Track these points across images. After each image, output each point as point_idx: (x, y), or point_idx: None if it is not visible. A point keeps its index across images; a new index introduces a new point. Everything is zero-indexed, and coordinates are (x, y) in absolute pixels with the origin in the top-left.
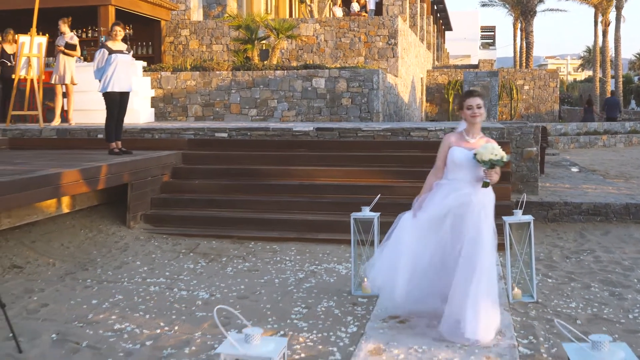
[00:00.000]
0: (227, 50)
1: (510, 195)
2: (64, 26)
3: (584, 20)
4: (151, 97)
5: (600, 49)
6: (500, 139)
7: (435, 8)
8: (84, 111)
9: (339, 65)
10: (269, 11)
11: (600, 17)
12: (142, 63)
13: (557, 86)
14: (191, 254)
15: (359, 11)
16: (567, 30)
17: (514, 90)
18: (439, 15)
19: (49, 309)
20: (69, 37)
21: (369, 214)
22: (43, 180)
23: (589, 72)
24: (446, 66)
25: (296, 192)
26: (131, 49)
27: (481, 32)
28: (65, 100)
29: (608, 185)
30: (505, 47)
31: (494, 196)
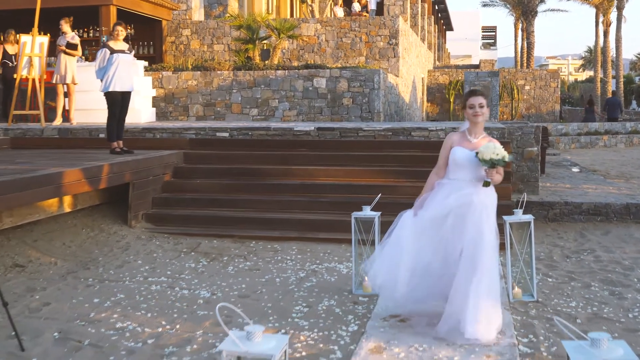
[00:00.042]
0: (228, 50)
1: (510, 194)
2: (65, 26)
3: (585, 21)
4: (152, 96)
5: (601, 49)
6: (501, 139)
7: (436, 8)
8: (86, 111)
9: (340, 65)
10: (270, 11)
11: (601, 18)
12: (144, 63)
13: (558, 86)
14: (192, 253)
15: (360, 11)
16: (568, 30)
17: (515, 91)
18: (440, 15)
19: (51, 307)
20: (70, 37)
21: (370, 213)
22: (45, 180)
23: (590, 73)
24: (447, 66)
25: (297, 192)
26: (133, 48)
27: (482, 32)
28: (66, 99)
29: (608, 185)
30: (506, 47)
31: (496, 196)
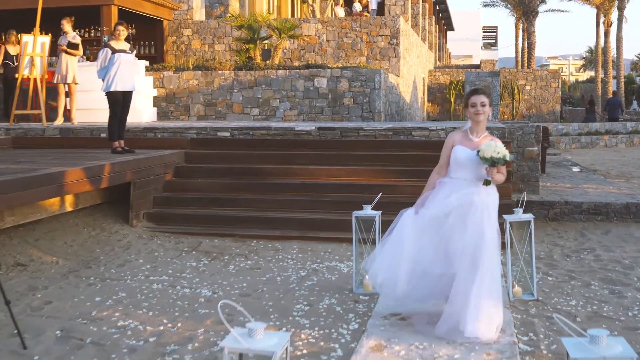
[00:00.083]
0: (229, 50)
1: (511, 194)
2: (67, 25)
3: (586, 21)
4: (153, 96)
5: (602, 49)
6: (501, 139)
7: (437, 8)
8: (87, 110)
9: (340, 65)
10: (271, 11)
11: (602, 18)
12: (145, 62)
13: (559, 86)
14: (194, 252)
15: (360, 11)
16: (569, 30)
17: (516, 91)
18: (440, 16)
19: (52, 306)
20: (71, 37)
21: (371, 212)
22: (46, 179)
23: (590, 73)
24: (448, 66)
25: (298, 191)
26: (134, 48)
27: (483, 32)
28: (67, 99)
29: (609, 185)
30: (507, 48)
31: (498, 196)
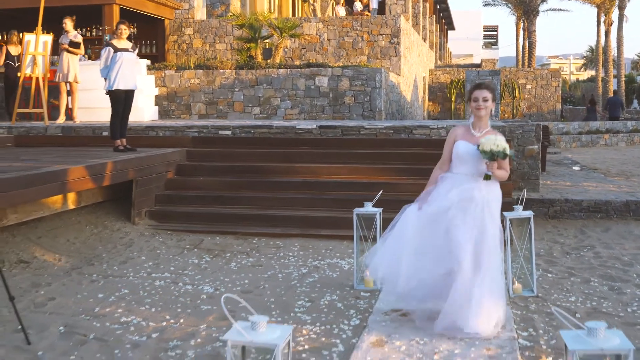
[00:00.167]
0: (230, 49)
1: (511, 192)
2: (68, 24)
3: (586, 20)
4: (155, 95)
5: (603, 48)
6: None
7: (438, 7)
8: (89, 109)
9: (341, 64)
10: (272, 10)
11: (602, 17)
12: (146, 61)
13: (559, 85)
14: (195, 249)
15: (361, 10)
16: (569, 30)
17: (516, 90)
18: (441, 15)
19: (56, 302)
20: (72, 35)
21: (372, 209)
22: (49, 177)
23: (591, 72)
24: (448, 65)
25: (299, 189)
26: (136, 46)
27: (484, 31)
28: (69, 98)
29: (609, 183)
30: (507, 47)
31: (500, 193)
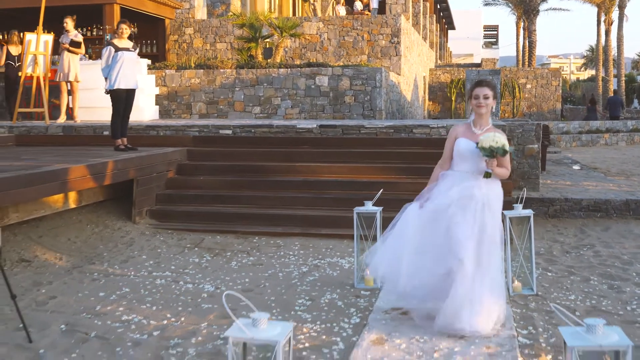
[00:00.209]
0: (231, 49)
1: (511, 191)
2: (69, 24)
3: (586, 20)
4: (156, 94)
5: (603, 48)
6: None
7: (438, 7)
8: (90, 108)
9: (342, 64)
10: (272, 10)
11: (603, 16)
12: (147, 61)
13: (560, 85)
14: (196, 248)
15: (362, 10)
16: (570, 29)
17: (516, 89)
18: (442, 14)
19: (57, 301)
20: (73, 35)
21: (372, 208)
22: (50, 176)
23: (591, 71)
24: (449, 65)
25: (300, 188)
26: (137, 46)
27: (484, 31)
28: (70, 97)
29: (609, 183)
30: (508, 46)
31: (502, 192)
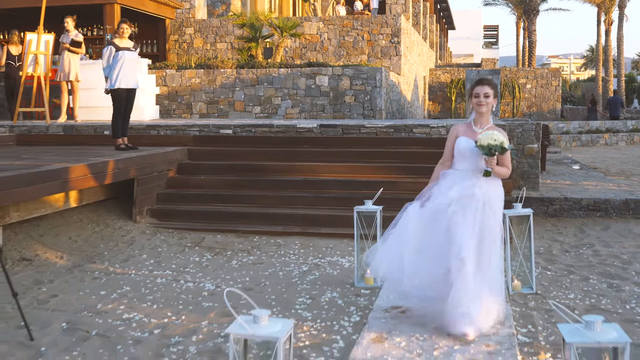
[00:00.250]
0: (231, 49)
1: (511, 190)
2: (70, 24)
3: (586, 20)
4: (156, 94)
5: (603, 48)
6: None
7: (439, 7)
8: (90, 108)
9: (342, 64)
10: (272, 10)
11: (603, 17)
12: (148, 61)
13: (560, 85)
14: (197, 247)
15: (362, 10)
16: (570, 29)
17: (516, 89)
18: (442, 14)
19: (58, 299)
20: (74, 35)
21: (372, 207)
22: (51, 175)
23: (591, 72)
24: (449, 65)
25: (300, 188)
26: (138, 45)
27: (484, 31)
28: (70, 97)
29: (608, 182)
30: (508, 46)
31: (503, 191)
